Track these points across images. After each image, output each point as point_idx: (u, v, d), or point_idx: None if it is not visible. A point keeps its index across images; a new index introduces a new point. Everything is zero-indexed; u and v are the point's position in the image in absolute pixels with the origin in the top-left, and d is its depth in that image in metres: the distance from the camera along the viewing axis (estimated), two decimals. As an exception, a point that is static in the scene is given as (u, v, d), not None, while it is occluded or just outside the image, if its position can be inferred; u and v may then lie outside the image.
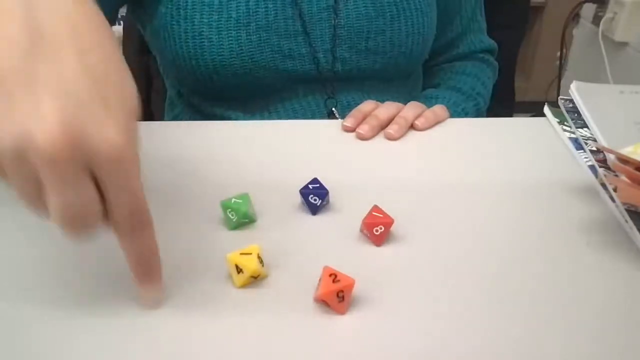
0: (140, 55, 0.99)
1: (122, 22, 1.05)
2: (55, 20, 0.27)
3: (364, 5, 0.63)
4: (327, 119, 0.66)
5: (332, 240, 0.40)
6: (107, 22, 0.30)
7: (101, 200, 0.29)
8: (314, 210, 0.42)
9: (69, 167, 0.26)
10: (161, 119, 0.85)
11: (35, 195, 0.28)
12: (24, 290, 0.35)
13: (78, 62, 0.27)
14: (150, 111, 0.99)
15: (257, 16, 0.60)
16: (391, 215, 0.39)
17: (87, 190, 0.28)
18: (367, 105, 0.58)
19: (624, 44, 1.29)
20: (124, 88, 0.29)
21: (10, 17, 0.27)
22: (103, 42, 0.29)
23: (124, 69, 0.30)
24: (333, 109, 0.67)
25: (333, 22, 0.63)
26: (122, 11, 0.75)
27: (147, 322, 0.33)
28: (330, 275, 0.33)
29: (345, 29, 0.63)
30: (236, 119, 0.66)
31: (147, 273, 0.33)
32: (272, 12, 0.61)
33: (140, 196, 0.30)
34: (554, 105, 0.59)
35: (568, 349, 0.31)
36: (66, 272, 0.36)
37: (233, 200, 0.40)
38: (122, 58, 0.30)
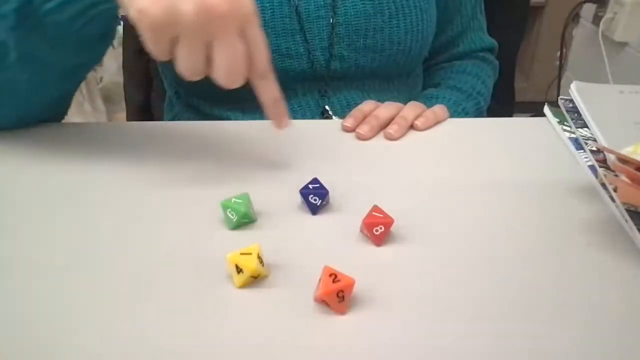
0: (140, 55, 0.99)
1: (122, 22, 1.05)
2: None
3: (362, 2, 0.63)
4: (323, 118, 0.66)
5: (332, 240, 0.40)
6: None
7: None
8: (314, 210, 0.42)
9: (235, 22, 0.37)
10: (161, 119, 0.85)
11: (203, 57, 0.38)
12: (28, 289, 0.35)
13: None
14: (150, 111, 0.99)
15: None
16: (391, 215, 0.39)
17: (239, 42, 0.38)
18: (367, 105, 0.58)
19: (624, 44, 1.29)
20: None
21: None
22: None
23: None
24: (326, 106, 0.66)
25: (331, 20, 0.63)
26: (122, 11, 0.75)
27: (147, 321, 0.33)
28: (330, 275, 0.33)
29: (344, 26, 0.63)
30: (235, 119, 0.66)
31: (280, 110, 0.45)
32: (269, 11, 0.60)
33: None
34: (554, 105, 0.59)
35: (568, 349, 0.31)
36: (66, 272, 0.36)
37: (233, 200, 0.40)
38: None
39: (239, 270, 0.34)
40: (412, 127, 0.57)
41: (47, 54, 0.46)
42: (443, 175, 0.48)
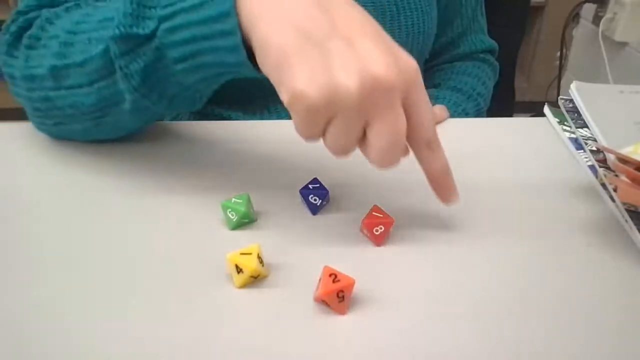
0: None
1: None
2: None
3: (363, 4, 0.63)
4: None
5: (332, 240, 0.40)
6: None
7: None
8: (314, 210, 0.42)
9: (398, 95, 0.32)
10: (161, 119, 0.85)
11: (359, 135, 0.33)
12: (27, 289, 0.35)
13: (360, 13, 0.34)
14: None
15: None
16: (391, 215, 0.39)
17: (403, 115, 0.32)
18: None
19: (624, 44, 1.29)
20: (379, 26, 0.35)
21: None
22: None
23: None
24: None
25: None
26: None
27: (147, 321, 0.33)
28: (330, 275, 0.33)
29: None
30: (236, 119, 0.66)
31: (448, 184, 0.38)
32: None
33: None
34: (554, 105, 0.59)
35: (568, 349, 0.31)
36: (65, 271, 0.36)
37: (233, 200, 0.40)
38: None
39: (239, 270, 0.34)
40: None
41: (161, 109, 0.43)
42: (443, 175, 0.48)
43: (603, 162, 0.48)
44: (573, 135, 0.54)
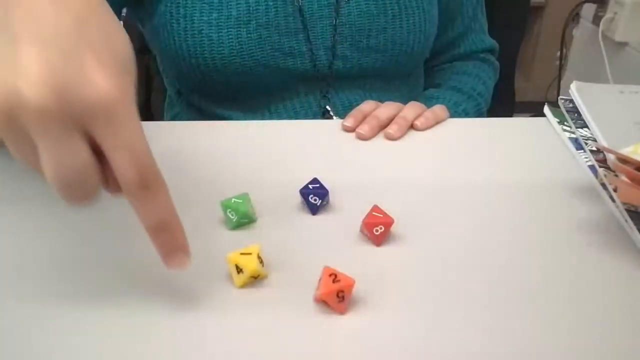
0: (140, 55, 1.00)
1: (121, 22, 1.05)
2: None
3: (365, 3, 0.63)
4: (324, 119, 0.66)
5: (332, 240, 0.40)
6: None
7: (102, 162, 0.27)
8: (314, 210, 0.42)
9: (59, 123, 0.24)
10: (161, 118, 0.85)
11: (32, 156, 0.26)
12: (29, 289, 0.35)
13: (53, 5, 0.26)
14: (150, 111, 0.99)
15: (258, 14, 0.60)
16: (391, 215, 0.39)
17: (81, 149, 0.26)
18: (367, 105, 0.58)
19: (624, 44, 1.29)
20: (112, 32, 0.27)
21: None
22: None
23: (110, 13, 0.28)
24: (327, 107, 0.66)
25: (334, 20, 0.63)
26: (123, 11, 0.76)
27: (147, 321, 0.32)
28: (330, 275, 0.33)
29: (347, 26, 0.63)
30: (236, 118, 0.66)
31: (169, 241, 0.30)
32: (273, 10, 0.60)
33: (144, 151, 0.27)
34: (554, 105, 0.59)
35: (568, 349, 0.31)
36: (64, 271, 0.36)
37: (233, 200, 0.40)
38: (108, 6, 0.28)
39: (239, 270, 0.34)
40: (412, 127, 0.57)
41: None
42: (443, 175, 0.48)
43: (603, 162, 0.48)
44: (573, 135, 0.54)
